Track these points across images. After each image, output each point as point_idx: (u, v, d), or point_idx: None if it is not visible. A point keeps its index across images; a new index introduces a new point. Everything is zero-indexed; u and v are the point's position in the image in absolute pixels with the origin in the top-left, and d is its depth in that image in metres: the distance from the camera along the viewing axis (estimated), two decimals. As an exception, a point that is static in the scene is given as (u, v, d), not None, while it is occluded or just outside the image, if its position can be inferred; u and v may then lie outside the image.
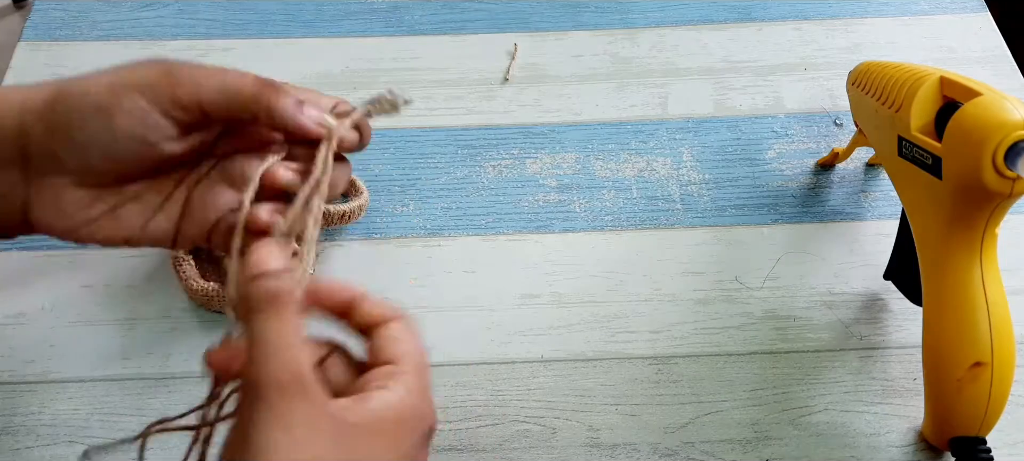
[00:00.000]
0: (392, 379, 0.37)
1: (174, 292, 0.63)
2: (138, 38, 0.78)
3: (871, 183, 0.70)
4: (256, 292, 0.35)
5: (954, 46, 0.79)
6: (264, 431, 0.33)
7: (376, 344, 0.39)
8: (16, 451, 0.56)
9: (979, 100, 0.49)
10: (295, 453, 0.33)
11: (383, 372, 0.38)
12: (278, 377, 0.34)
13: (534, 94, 0.75)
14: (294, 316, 0.35)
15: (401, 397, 0.37)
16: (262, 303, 0.35)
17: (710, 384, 0.59)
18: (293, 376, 0.34)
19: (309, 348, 0.36)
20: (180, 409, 0.57)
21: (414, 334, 0.40)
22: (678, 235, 0.67)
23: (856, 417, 0.58)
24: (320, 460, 0.33)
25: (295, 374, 0.34)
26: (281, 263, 0.36)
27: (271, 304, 0.35)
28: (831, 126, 0.73)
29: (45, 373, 0.59)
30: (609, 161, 0.71)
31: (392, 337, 0.39)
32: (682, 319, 0.62)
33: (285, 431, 0.33)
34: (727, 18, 0.81)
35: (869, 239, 0.66)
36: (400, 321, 0.40)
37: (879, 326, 0.62)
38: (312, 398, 0.34)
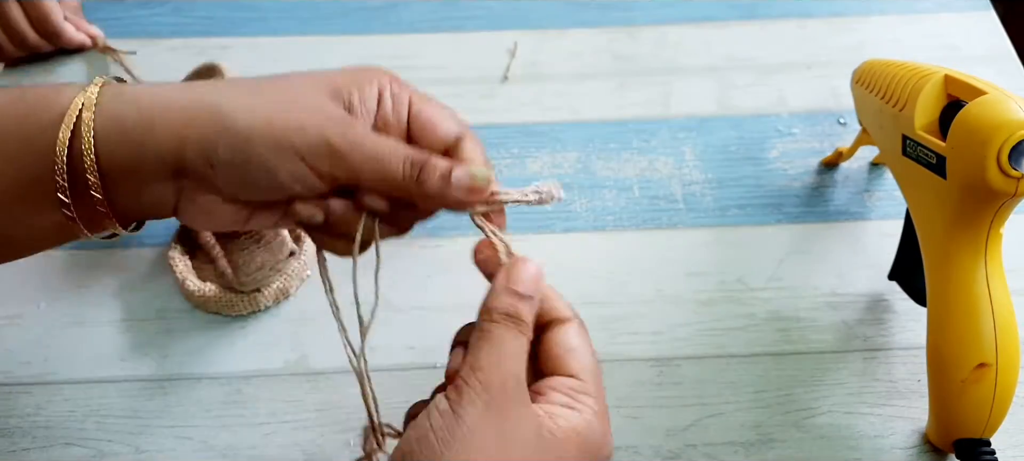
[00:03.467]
0: (578, 399, 0.40)
1: (171, 293, 0.62)
2: (136, 36, 0.78)
3: (875, 182, 0.69)
4: (506, 305, 0.40)
5: (958, 44, 0.78)
6: (478, 421, 0.37)
7: (553, 350, 0.42)
8: (12, 453, 0.55)
9: (983, 99, 0.49)
10: (501, 445, 0.37)
11: (567, 385, 0.41)
12: (504, 378, 0.38)
13: (534, 93, 0.75)
14: (527, 338, 0.40)
15: (588, 421, 0.40)
16: (507, 318, 0.40)
17: (713, 386, 0.59)
18: (516, 382, 0.39)
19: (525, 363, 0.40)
20: (177, 411, 0.57)
21: (589, 344, 0.43)
22: (680, 235, 0.66)
23: (860, 419, 0.57)
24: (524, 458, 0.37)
25: (518, 380, 0.39)
26: (534, 291, 0.41)
27: (515, 322, 0.40)
28: (835, 125, 0.73)
29: (41, 375, 0.59)
30: (610, 160, 0.70)
31: (570, 347, 0.42)
32: (684, 320, 0.62)
33: (498, 425, 0.37)
34: (730, 16, 0.81)
35: (873, 239, 0.66)
36: (574, 325, 0.43)
37: (883, 327, 0.61)
38: (525, 404, 0.39)
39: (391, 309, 0.62)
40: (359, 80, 0.42)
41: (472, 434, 0.37)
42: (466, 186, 0.42)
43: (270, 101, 0.40)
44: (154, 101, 0.39)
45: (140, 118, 0.39)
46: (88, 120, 0.38)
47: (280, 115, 0.39)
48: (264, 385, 0.59)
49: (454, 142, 0.44)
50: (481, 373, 0.38)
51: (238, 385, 0.58)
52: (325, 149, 0.39)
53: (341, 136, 0.39)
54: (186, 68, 0.75)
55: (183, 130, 0.39)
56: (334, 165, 0.40)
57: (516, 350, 0.39)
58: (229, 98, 0.40)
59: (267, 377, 0.59)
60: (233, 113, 0.39)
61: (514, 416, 0.38)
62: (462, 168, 0.42)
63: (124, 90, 0.40)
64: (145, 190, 0.40)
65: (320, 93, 0.41)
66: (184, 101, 0.39)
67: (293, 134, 0.39)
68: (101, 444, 0.56)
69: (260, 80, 0.42)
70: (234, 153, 0.39)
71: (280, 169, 0.39)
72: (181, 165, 0.40)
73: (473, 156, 0.43)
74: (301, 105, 0.40)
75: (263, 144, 0.39)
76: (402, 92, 0.43)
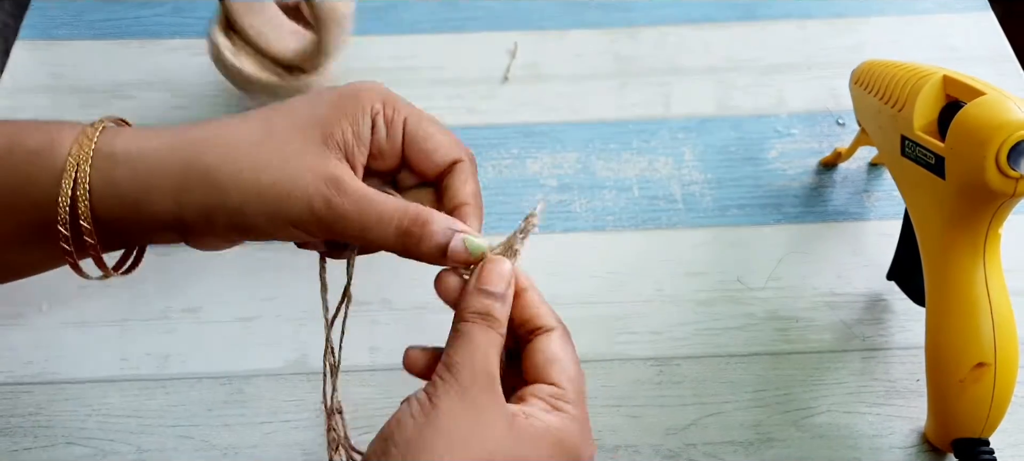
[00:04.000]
0: (558, 405, 0.41)
1: (172, 293, 0.62)
2: (136, 37, 0.78)
3: (874, 183, 0.69)
4: (477, 304, 0.41)
5: (957, 45, 0.78)
6: (453, 408, 0.38)
7: (536, 358, 0.42)
8: (14, 452, 0.56)
9: (982, 100, 0.49)
10: (475, 433, 0.38)
11: (547, 392, 0.41)
12: (474, 371, 0.39)
13: (534, 93, 0.75)
14: (499, 335, 0.41)
15: (565, 424, 0.40)
16: (479, 316, 0.41)
17: (712, 385, 0.59)
18: (487, 375, 0.39)
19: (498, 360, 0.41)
20: (178, 411, 0.57)
21: (573, 354, 0.43)
22: (680, 235, 0.66)
23: (859, 418, 0.58)
24: (493, 450, 0.38)
25: (489, 374, 0.40)
26: (505, 288, 0.42)
27: (485, 320, 0.41)
28: (834, 125, 0.73)
29: (43, 374, 0.59)
30: (610, 161, 0.71)
31: (553, 357, 0.42)
32: (684, 320, 0.62)
33: (472, 414, 0.38)
34: (729, 17, 0.81)
35: (872, 239, 0.66)
36: (558, 333, 0.43)
37: (882, 327, 0.61)
38: (499, 398, 0.40)
39: (391, 309, 0.62)
40: (350, 111, 0.43)
41: (447, 420, 0.38)
42: (462, 259, 0.43)
43: (259, 166, 0.41)
44: (148, 166, 0.41)
45: (135, 183, 0.40)
46: (84, 183, 0.40)
47: (269, 186, 0.40)
48: (265, 384, 0.59)
49: (449, 167, 0.45)
50: (455, 368, 0.39)
51: (239, 385, 0.59)
52: (313, 219, 0.41)
53: (327, 207, 0.41)
54: (187, 68, 0.75)
55: (179, 196, 0.40)
56: (324, 231, 0.41)
57: (488, 347, 0.40)
58: (220, 164, 0.41)
59: (268, 376, 0.59)
60: (226, 185, 0.40)
61: (487, 409, 0.39)
62: (458, 240, 0.42)
63: (116, 150, 0.41)
64: (146, 238, 0.43)
65: (310, 143, 0.42)
66: (177, 166, 0.40)
67: (283, 205, 0.41)
68: (102, 443, 0.56)
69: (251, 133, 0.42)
70: (230, 218, 0.41)
71: (275, 233, 0.42)
72: (181, 224, 0.41)
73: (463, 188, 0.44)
74: (289, 170, 0.41)
75: (256, 215, 0.41)
76: (396, 115, 0.44)
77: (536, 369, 0.42)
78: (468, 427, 0.38)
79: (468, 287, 0.42)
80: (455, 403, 0.38)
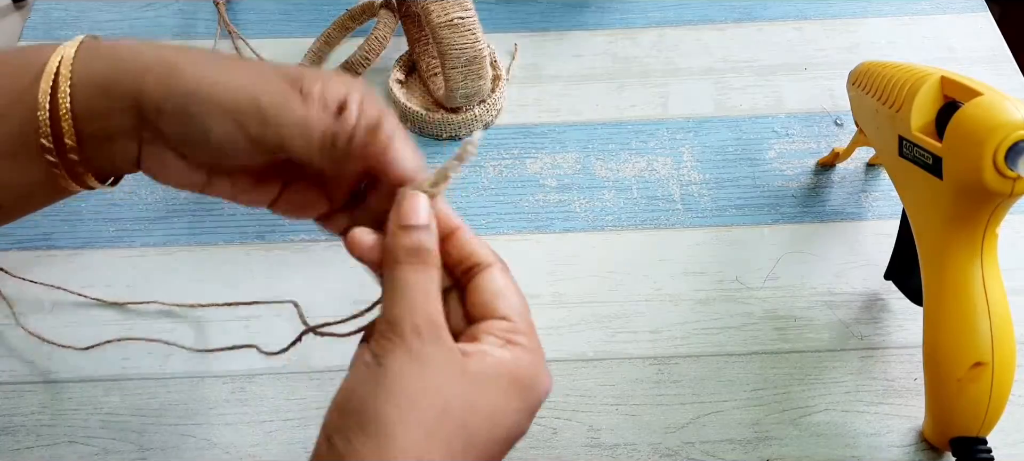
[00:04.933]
0: (510, 338, 0.40)
1: (173, 292, 0.63)
2: (138, 38, 0.78)
3: (872, 183, 0.69)
4: (404, 243, 0.39)
5: (954, 46, 0.79)
6: (401, 368, 0.36)
7: (480, 296, 0.41)
8: (16, 451, 0.56)
9: (979, 100, 0.49)
10: (426, 387, 0.36)
11: (498, 327, 0.40)
12: (416, 322, 0.37)
13: (534, 94, 0.75)
14: (434, 269, 0.39)
15: (518, 356, 0.39)
16: (408, 255, 0.39)
17: (711, 384, 0.59)
18: (429, 322, 0.38)
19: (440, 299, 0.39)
20: (180, 409, 0.57)
21: (515, 285, 0.42)
22: (678, 235, 0.67)
23: (857, 417, 0.58)
24: (447, 399, 0.37)
25: (431, 320, 0.38)
26: (428, 218, 0.40)
27: (416, 257, 0.39)
28: (832, 126, 0.73)
29: (45, 373, 0.59)
30: (609, 161, 0.71)
31: (496, 290, 0.41)
32: (682, 319, 0.62)
33: (420, 368, 0.37)
34: (727, 18, 0.81)
35: (869, 239, 0.66)
36: (497, 267, 0.42)
37: (880, 326, 0.62)
38: (445, 343, 0.38)
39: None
40: (327, 78, 0.41)
41: (395, 381, 0.36)
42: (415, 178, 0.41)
43: (223, 69, 0.40)
44: (124, 55, 0.40)
45: (109, 70, 0.40)
46: (66, 74, 0.39)
47: (224, 79, 0.39)
48: (267, 383, 0.59)
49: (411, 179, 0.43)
50: (397, 323, 0.38)
51: (241, 383, 0.59)
52: (253, 110, 0.39)
53: (270, 103, 0.39)
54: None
55: (141, 81, 0.39)
56: (260, 128, 0.39)
57: (426, 289, 0.39)
58: (188, 59, 0.40)
59: (270, 375, 0.59)
60: (184, 70, 0.39)
61: (436, 358, 0.37)
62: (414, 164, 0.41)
63: (101, 45, 0.41)
64: (112, 141, 0.41)
65: (277, 74, 0.41)
66: (149, 56, 0.40)
67: (229, 95, 0.39)
68: (105, 442, 0.56)
69: (233, 56, 0.42)
70: (176, 107, 0.39)
71: (213, 128, 0.39)
72: (139, 114, 0.40)
73: None
74: (250, 76, 0.40)
75: (201, 101, 0.39)
76: (371, 108, 0.42)
77: (482, 306, 0.41)
78: (418, 384, 0.36)
79: (388, 227, 0.40)
80: (402, 361, 0.37)
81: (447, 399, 0.37)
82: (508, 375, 0.39)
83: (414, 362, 0.37)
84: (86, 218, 0.67)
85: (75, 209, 0.67)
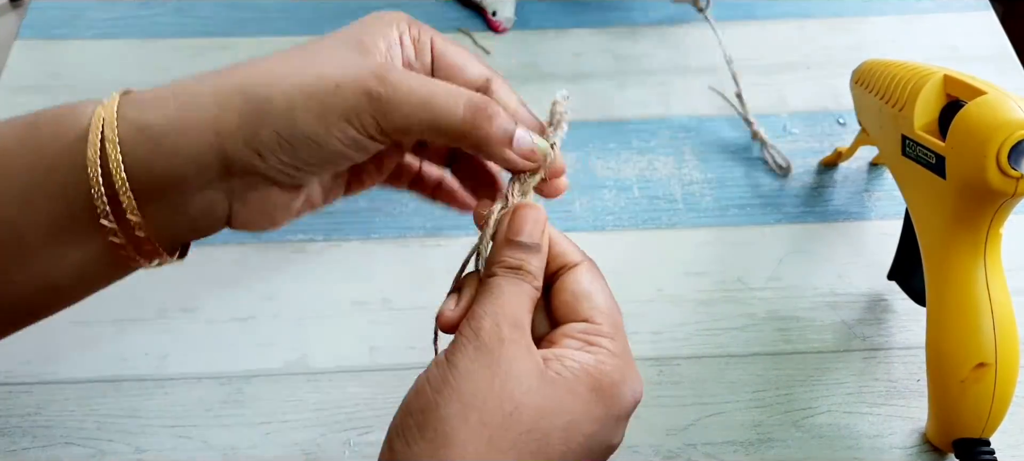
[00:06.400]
0: (592, 340, 0.38)
1: (170, 293, 0.62)
2: (135, 36, 0.78)
3: (874, 182, 0.69)
4: (508, 258, 0.39)
5: (957, 44, 0.78)
6: (470, 367, 0.35)
7: (563, 296, 0.40)
8: (12, 452, 0.56)
9: (983, 99, 0.49)
10: (495, 389, 0.35)
11: (578, 329, 0.39)
12: (497, 323, 0.36)
13: (534, 92, 0.75)
14: (531, 287, 0.39)
15: (601, 359, 0.38)
16: (511, 269, 0.38)
17: (712, 385, 0.59)
18: (514, 326, 0.37)
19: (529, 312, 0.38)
20: (177, 411, 0.57)
21: (604, 285, 0.41)
22: (680, 235, 0.66)
23: (859, 419, 0.57)
24: (519, 403, 0.35)
25: (517, 325, 0.37)
26: (539, 237, 0.39)
27: (518, 272, 0.38)
28: (834, 125, 0.73)
29: (41, 374, 0.59)
30: (610, 160, 0.70)
31: (581, 291, 0.40)
32: (684, 320, 0.62)
33: (491, 369, 0.35)
34: (729, 16, 0.81)
35: (872, 239, 0.66)
36: (585, 266, 0.41)
37: (882, 327, 0.61)
38: (525, 348, 0.37)
39: (391, 309, 0.62)
40: (379, 28, 0.40)
41: (463, 381, 0.35)
42: (525, 151, 0.40)
43: (299, 70, 0.37)
44: (178, 100, 0.36)
45: (168, 122, 0.36)
46: (111, 136, 0.35)
47: (313, 82, 0.36)
48: (264, 385, 0.59)
49: (484, 84, 0.41)
50: (476, 323, 0.37)
51: (238, 385, 0.58)
52: (369, 104, 0.36)
53: (381, 83, 0.36)
54: (186, 67, 0.75)
55: (218, 123, 0.36)
56: (384, 118, 0.37)
57: (514, 296, 0.38)
58: (257, 77, 0.37)
59: (267, 377, 0.59)
60: (267, 91, 0.36)
61: (511, 361, 0.36)
62: (526, 133, 0.39)
63: (143, 97, 0.37)
64: (191, 203, 0.37)
65: (348, 49, 0.38)
66: (210, 92, 0.36)
67: (333, 96, 0.36)
68: (101, 443, 0.56)
69: (280, 53, 0.38)
70: (278, 134, 0.36)
71: (329, 138, 0.36)
72: (225, 163, 0.36)
73: (507, 99, 0.41)
74: (332, 65, 0.37)
75: (305, 116, 0.36)
76: (422, 34, 0.41)
77: (564, 307, 0.39)
78: (486, 385, 0.35)
79: (497, 239, 0.39)
80: (473, 361, 0.35)
81: (518, 403, 0.35)
82: (587, 380, 0.37)
83: (485, 362, 0.36)
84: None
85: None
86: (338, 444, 0.56)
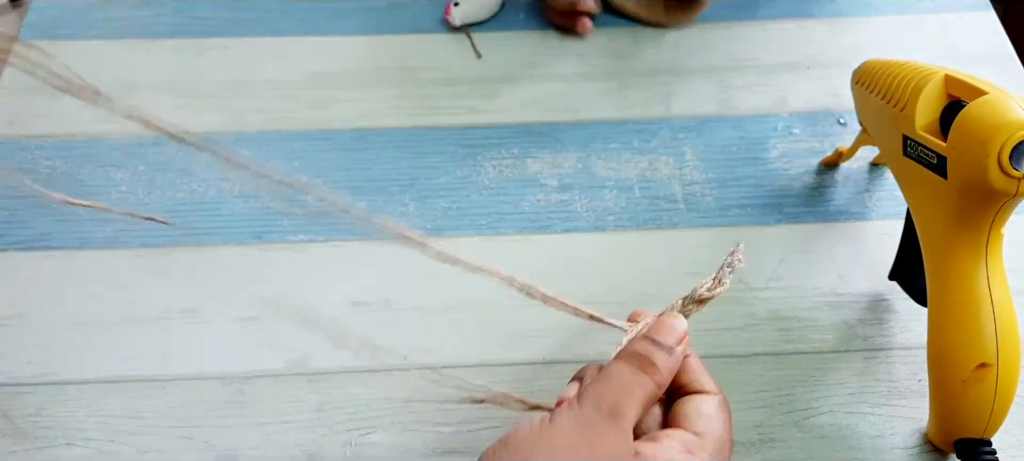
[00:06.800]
0: (691, 451, 0.40)
1: (171, 294, 0.62)
2: (135, 37, 0.78)
3: (875, 182, 0.69)
4: (642, 348, 0.41)
5: (958, 44, 0.78)
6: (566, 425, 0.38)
7: (684, 409, 0.41)
8: (13, 453, 0.56)
9: (984, 99, 0.49)
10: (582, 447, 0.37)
11: (684, 437, 0.40)
12: (602, 399, 0.38)
13: (535, 93, 0.75)
14: (653, 383, 0.40)
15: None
16: (637, 358, 0.40)
17: (713, 385, 0.59)
18: (615, 409, 0.38)
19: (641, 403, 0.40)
20: (179, 412, 0.57)
21: (727, 422, 0.42)
22: (681, 235, 0.66)
23: (861, 419, 0.57)
24: None
25: (618, 409, 0.39)
26: (675, 342, 0.42)
27: (642, 362, 0.40)
28: (835, 125, 0.73)
29: (43, 375, 0.59)
30: (611, 161, 0.70)
31: (705, 412, 0.41)
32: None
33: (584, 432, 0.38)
34: (730, 16, 0.81)
35: (873, 239, 0.66)
36: (718, 398, 0.42)
37: (884, 327, 0.61)
38: (621, 429, 0.38)
39: (391, 309, 0.62)
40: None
41: (559, 435, 0.37)
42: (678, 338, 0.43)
43: None
44: None
45: None
46: None
47: None
48: (265, 385, 0.59)
49: None
50: (583, 396, 0.39)
51: (240, 385, 0.58)
52: None
53: None
54: (187, 67, 0.75)
55: None
56: None
57: (628, 381, 0.39)
58: None
59: (268, 377, 0.59)
60: None
61: (603, 430, 0.38)
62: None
63: None
64: None
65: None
66: None
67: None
68: (102, 444, 0.56)
69: None
70: None
71: None
72: None
73: None
74: None
75: None
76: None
77: (681, 417, 0.41)
78: (576, 442, 0.37)
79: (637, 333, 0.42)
80: (570, 421, 0.38)
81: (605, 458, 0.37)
82: None
83: (580, 426, 0.38)
84: (84, 218, 0.66)
85: (73, 210, 0.67)
86: (339, 445, 0.56)
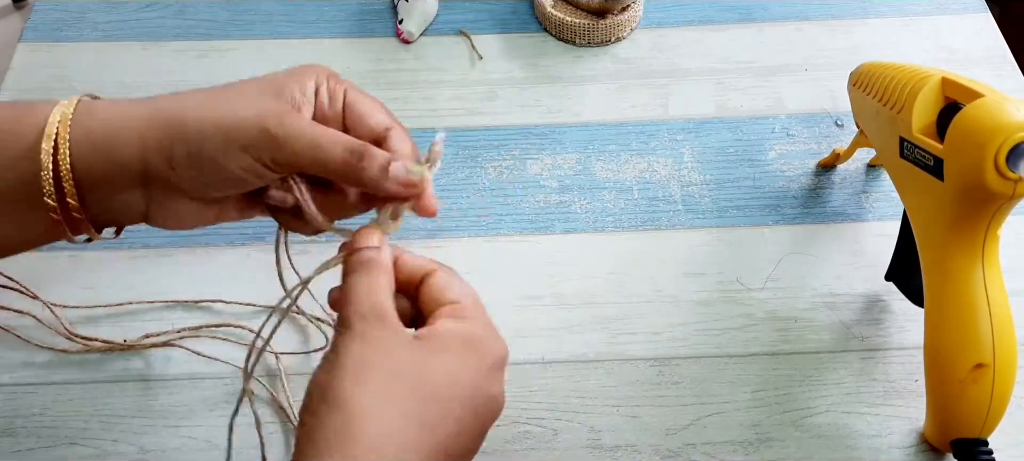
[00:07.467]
0: (456, 314, 0.43)
1: (173, 293, 0.63)
2: (139, 39, 0.78)
3: (872, 184, 0.69)
4: (355, 259, 0.44)
5: (955, 47, 0.79)
6: (349, 348, 0.40)
7: (428, 295, 0.44)
8: (17, 452, 0.56)
9: (981, 101, 0.49)
10: (374, 360, 0.40)
11: (447, 310, 0.44)
12: (361, 310, 0.41)
13: (534, 95, 0.75)
14: (382, 275, 0.43)
15: (467, 326, 0.43)
16: (357, 266, 0.43)
17: (711, 385, 0.59)
18: (373, 309, 0.42)
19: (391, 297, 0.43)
20: (181, 411, 0.57)
21: (462, 281, 0.45)
22: (679, 236, 0.67)
23: (858, 419, 0.58)
24: (397, 364, 0.40)
25: (375, 307, 0.42)
26: (378, 242, 0.44)
27: (364, 266, 0.43)
28: (832, 127, 0.73)
29: (46, 375, 0.59)
30: (610, 162, 0.71)
31: (441, 285, 0.45)
32: (683, 320, 0.62)
33: (366, 346, 0.40)
34: (728, 19, 0.81)
35: (870, 240, 0.66)
36: (441, 270, 0.45)
37: (880, 327, 0.62)
38: (390, 324, 0.42)
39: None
40: (299, 77, 0.46)
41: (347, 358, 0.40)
42: (402, 180, 0.44)
43: (217, 103, 0.44)
44: (119, 115, 0.44)
45: (106, 132, 0.43)
46: (64, 135, 0.42)
47: (226, 115, 0.43)
48: (266, 385, 0.59)
49: (383, 132, 0.46)
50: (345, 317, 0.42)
51: (241, 384, 0.59)
52: (265, 139, 0.42)
53: (278, 125, 0.43)
54: (189, 70, 0.76)
55: (143, 138, 0.43)
56: (276, 153, 0.43)
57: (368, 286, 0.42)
58: (184, 104, 0.44)
59: (270, 377, 0.59)
60: (185, 116, 0.43)
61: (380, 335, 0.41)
62: (400, 162, 0.44)
63: (94, 107, 0.44)
64: (116, 198, 0.44)
65: (263, 92, 0.44)
66: (145, 112, 0.43)
67: (236, 129, 0.43)
68: (105, 444, 0.56)
69: (215, 87, 0.45)
70: (189, 153, 0.43)
71: (229, 163, 0.43)
72: (146, 171, 0.43)
73: (401, 147, 0.46)
74: (244, 103, 0.44)
75: (212, 141, 0.42)
76: (338, 86, 0.47)
77: (431, 300, 0.44)
78: (365, 359, 0.40)
79: None
80: (350, 344, 0.40)
81: (396, 365, 0.40)
82: (460, 339, 0.42)
83: (360, 342, 0.40)
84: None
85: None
86: (340, 444, 0.56)
